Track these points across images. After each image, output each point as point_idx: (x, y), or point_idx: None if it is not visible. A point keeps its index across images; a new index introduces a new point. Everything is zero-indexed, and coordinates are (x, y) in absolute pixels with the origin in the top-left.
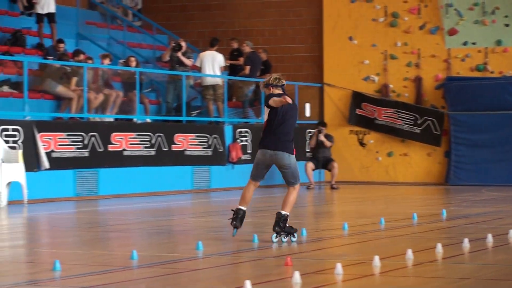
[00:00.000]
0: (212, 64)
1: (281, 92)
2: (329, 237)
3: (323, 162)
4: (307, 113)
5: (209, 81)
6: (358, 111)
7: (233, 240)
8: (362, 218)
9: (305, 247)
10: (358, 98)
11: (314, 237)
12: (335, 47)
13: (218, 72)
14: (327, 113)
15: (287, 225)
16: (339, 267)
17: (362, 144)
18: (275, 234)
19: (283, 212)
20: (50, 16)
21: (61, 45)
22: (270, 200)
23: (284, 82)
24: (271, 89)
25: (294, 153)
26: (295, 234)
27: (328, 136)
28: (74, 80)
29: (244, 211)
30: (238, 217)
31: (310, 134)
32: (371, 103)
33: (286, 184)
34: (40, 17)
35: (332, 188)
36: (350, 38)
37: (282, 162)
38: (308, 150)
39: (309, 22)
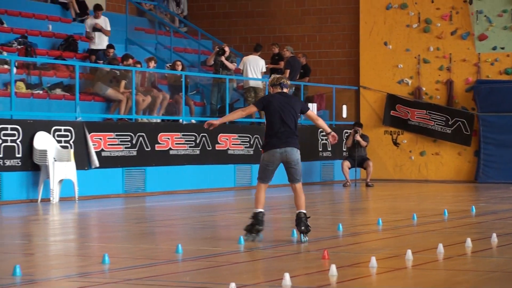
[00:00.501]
0: (255, 68)
1: (280, 90)
2: (364, 232)
3: (359, 161)
4: (344, 114)
5: (251, 83)
6: (392, 113)
7: (273, 235)
8: (396, 214)
9: (341, 241)
10: (392, 100)
11: (349, 232)
12: (371, 51)
13: (259, 76)
14: (363, 114)
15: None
16: (373, 261)
17: (396, 143)
18: (302, 234)
19: (304, 211)
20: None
21: (111, 50)
22: (309, 197)
23: (283, 81)
24: (272, 89)
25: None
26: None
27: (363, 136)
28: (123, 83)
29: (263, 213)
30: (260, 221)
31: (346, 134)
32: (404, 105)
33: (290, 181)
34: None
35: (367, 185)
36: (385, 43)
37: (293, 157)
38: (344, 149)
39: (347, 28)
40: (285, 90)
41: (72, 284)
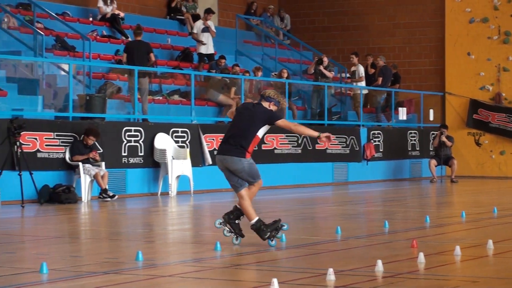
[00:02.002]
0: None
1: (259, 101)
2: (449, 223)
3: (445, 159)
4: (431, 117)
5: (349, 90)
6: (475, 116)
7: (366, 226)
8: (478, 207)
9: (428, 231)
10: (475, 105)
11: (436, 223)
12: (455, 61)
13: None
14: (448, 117)
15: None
16: (457, 249)
17: (478, 144)
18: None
19: (251, 223)
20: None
21: (223, 60)
22: (399, 192)
23: (268, 94)
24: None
25: (247, 156)
26: (282, 225)
27: (449, 137)
28: (233, 89)
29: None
30: (268, 225)
31: (433, 136)
32: (486, 109)
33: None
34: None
35: (452, 181)
36: (468, 54)
37: (233, 166)
38: (431, 149)
39: (433, 40)
40: (264, 103)
41: (188, 268)
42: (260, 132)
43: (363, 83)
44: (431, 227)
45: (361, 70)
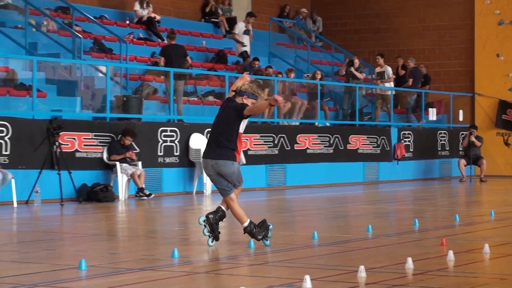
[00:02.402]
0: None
1: (233, 97)
2: (478, 222)
3: (474, 159)
4: (461, 118)
5: (379, 91)
6: (503, 116)
7: (397, 224)
8: (507, 206)
9: (457, 230)
10: (503, 106)
11: (465, 222)
12: (484, 62)
13: (386, 84)
14: (477, 118)
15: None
16: (486, 247)
17: (506, 144)
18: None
19: (244, 225)
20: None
21: (256, 62)
22: (429, 191)
23: (242, 88)
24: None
25: (237, 158)
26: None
27: (478, 137)
28: (266, 90)
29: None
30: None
31: (463, 136)
32: None
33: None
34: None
35: (481, 181)
36: (497, 55)
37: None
38: (461, 149)
39: (463, 42)
40: (238, 98)
41: (222, 265)
42: (241, 128)
43: (391, 84)
44: (461, 225)
45: (389, 71)
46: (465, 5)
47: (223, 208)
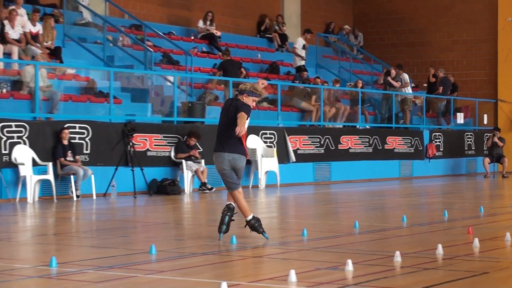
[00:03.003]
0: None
1: (236, 96)
2: (501, 213)
3: (497, 157)
4: (485, 121)
5: (400, 96)
6: None
7: (427, 215)
8: None
9: (482, 220)
10: None
11: (489, 213)
12: (506, 72)
13: (404, 90)
14: (500, 121)
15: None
16: (508, 236)
17: None
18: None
19: (247, 219)
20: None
21: (305, 73)
22: (456, 186)
23: (244, 87)
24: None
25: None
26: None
27: (500, 138)
28: (314, 97)
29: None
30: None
31: (487, 137)
32: None
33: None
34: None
35: (503, 177)
36: None
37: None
38: (485, 148)
39: (487, 54)
40: (240, 96)
41: (276, 250)
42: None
43: (409, 89)
44: (485, 216)
45: (405, 77)
46: (489, 22)
47: (233, 203)
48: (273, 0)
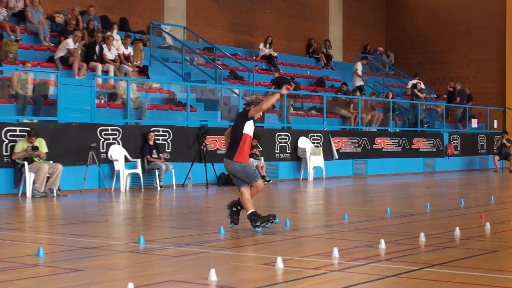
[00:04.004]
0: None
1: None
2: (509, 201)
3: (505, 155)
4: (495, 125)
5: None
6: None
7: (447, 203)
8: None
9: (493, 207)
10: None
11: (499, 201)
12: None
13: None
14: (508, 125)
15: (261, 215)
16: None
17: None
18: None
19: (247, 213)
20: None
21: (345, 86)
22: (471, 179)
23: (250, 100)
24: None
25: (236, 159)
26: (274, 219)
27: (508, 140)
28: (352, 106)
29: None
30: (261, 217)
31: (496, 139)
32: None
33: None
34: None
35: (510, 172)
36: None
37: (227, 167)
38: (495, 148)
39: (497, 70)
40: (249, 107)
41: (321, 231)
42: (246, 129)
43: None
44: (495, 204)
45: (421, 85)
46: (499, 44)
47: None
48: (319, 26)
